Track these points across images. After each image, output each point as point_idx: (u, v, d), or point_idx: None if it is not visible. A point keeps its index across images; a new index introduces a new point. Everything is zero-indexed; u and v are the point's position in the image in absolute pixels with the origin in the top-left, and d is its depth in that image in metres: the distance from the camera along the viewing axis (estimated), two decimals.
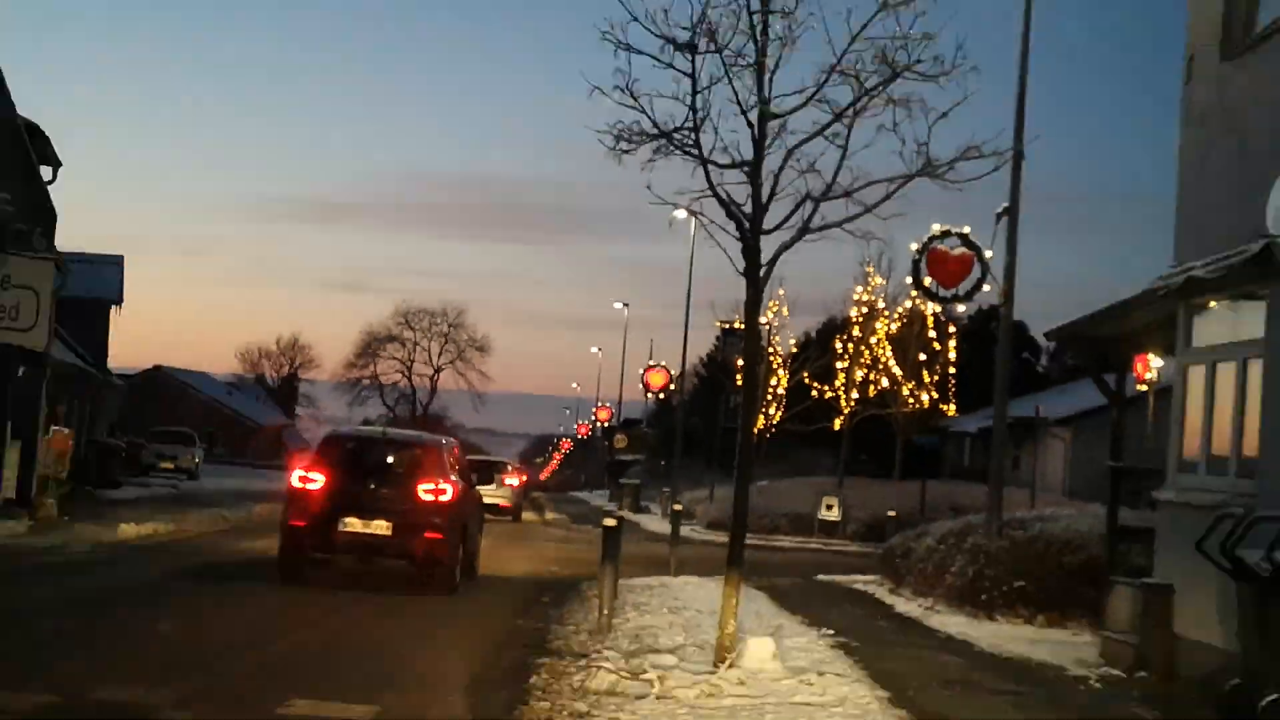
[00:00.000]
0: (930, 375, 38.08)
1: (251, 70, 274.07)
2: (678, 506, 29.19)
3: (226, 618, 13.94)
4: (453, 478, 17.49)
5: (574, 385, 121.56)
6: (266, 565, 18.71)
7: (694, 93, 11.10)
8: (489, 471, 36.25)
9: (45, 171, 24.24)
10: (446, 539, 16.62)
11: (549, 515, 47.27)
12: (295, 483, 17.07)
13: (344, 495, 16.60)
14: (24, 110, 22.81)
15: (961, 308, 26.00)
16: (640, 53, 11.06)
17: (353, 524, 16.26)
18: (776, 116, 11.13)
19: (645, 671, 10.75)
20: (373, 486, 16.90)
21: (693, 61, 11.05)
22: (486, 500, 26.44)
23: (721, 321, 44.08)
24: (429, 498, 16.70)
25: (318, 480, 16.69)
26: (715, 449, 53.74)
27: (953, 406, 39.28)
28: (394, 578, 17.09)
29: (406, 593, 16.35)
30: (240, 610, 14.74)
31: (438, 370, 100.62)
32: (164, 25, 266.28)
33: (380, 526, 16.34)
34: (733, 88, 11.10)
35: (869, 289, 38.81)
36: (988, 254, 21.03)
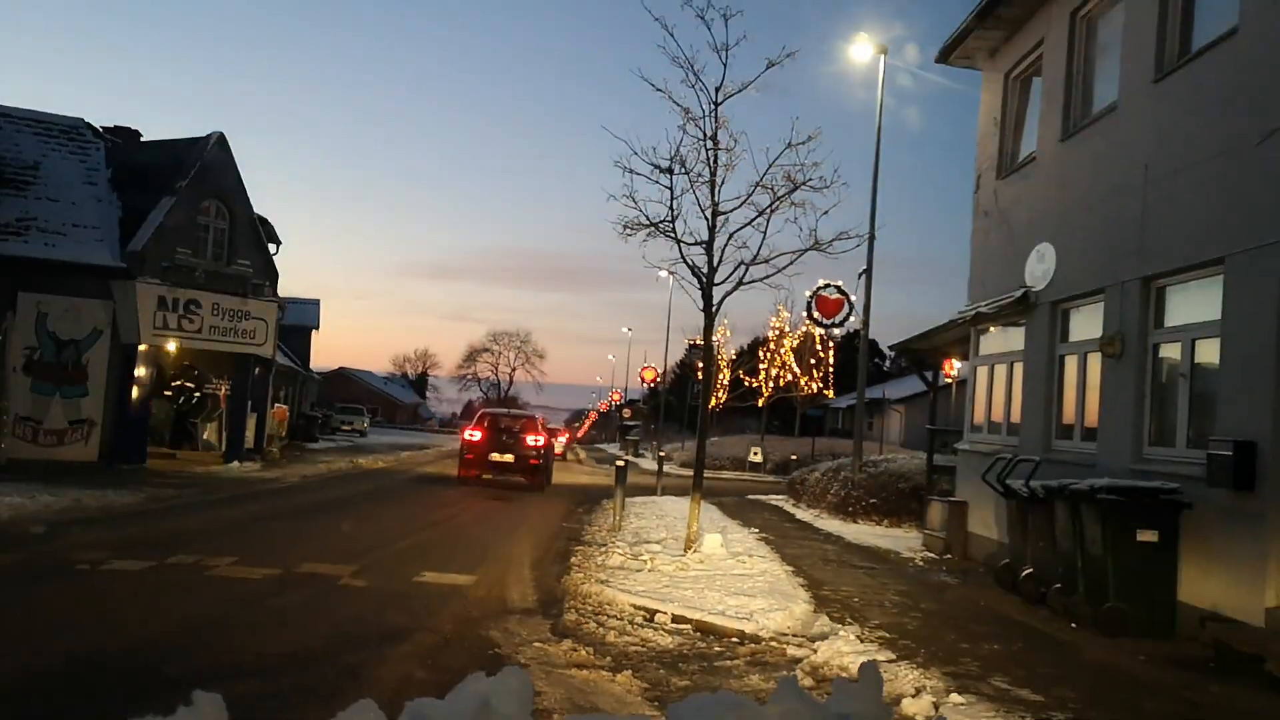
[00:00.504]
0: (817, 372, 37.97)
1: (397, 175, 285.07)
2: (662, 453, 28.86)
3: (383, 519, 14.21)
4: (542, 434, 21.88)
5: (598, 378, 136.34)
6: (406, 485, 21.34)
7: (672, 199, 11.41)
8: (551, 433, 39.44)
9: (271, 247, 24.34)
10: (540, 465, 21.42)
11: (583, 457, 48.51)
12: (467, 435, 21.77)
13: (491, 441, 21.11)
14: (257, 206, 23.49)
15: (837, 331, 27.34)
16: (638, 174, 11.45)
17: (495, 455, 20.96)
18: (722, 214, 11.41)
19: (642, 555, 10.96)
20: (505, 438, 21.26)
21: (671, 180, 11.38)
22: None
23: (689, 339, 45.43)
24: (531, 443, 21.30)
25: (478, 434, 21.25)
26: (685, 418, 57.75)
27: (831, 391, 39.24)
28: (511, 485, 20.84)
29: (517, 490, 20.21)
30: (390, 514, 15.12)
31: (513, 369, 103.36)
32: (345, 143, 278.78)
33: (509, 457, 21.02)
34: (696, 196, 11.46)
35: (780, 319, 39.13)
36: (853, 297, 21.91)
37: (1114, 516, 8.30)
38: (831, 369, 38.86)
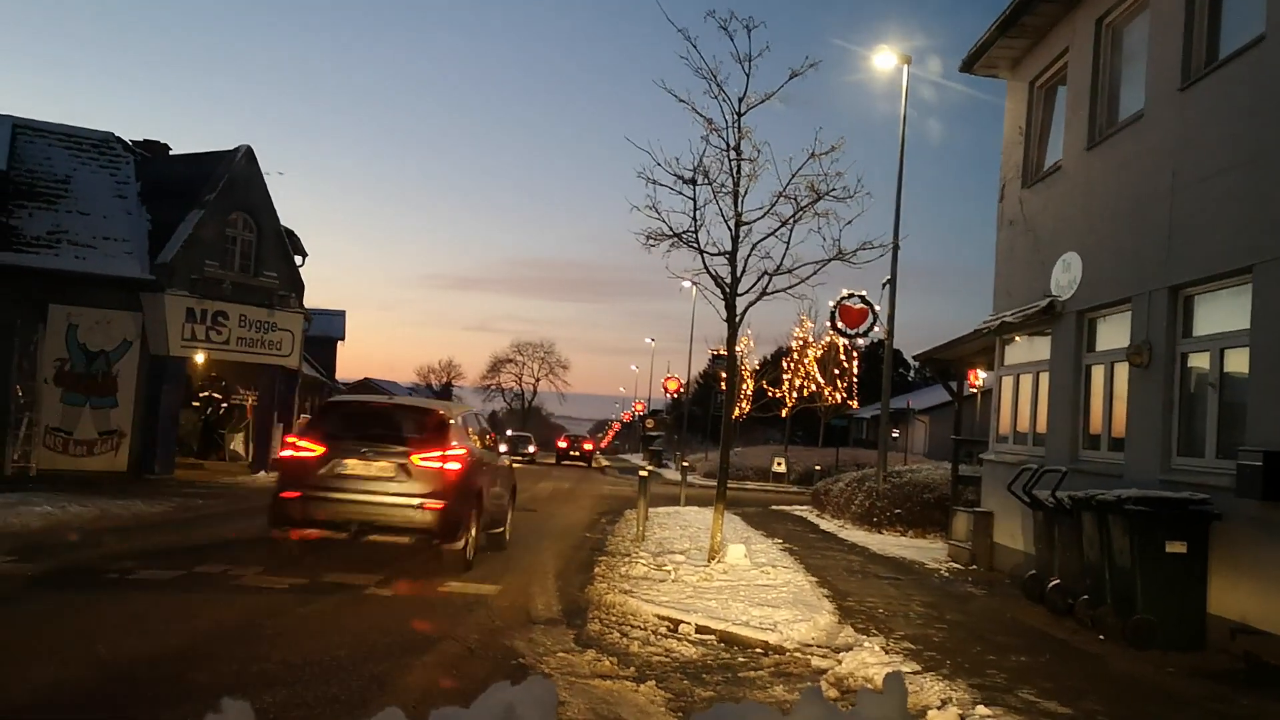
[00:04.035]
0: (841, 382, 37.64)
1: (422, 187, 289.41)
2: (685, 463, 29.29)
3: None
4: (590, 443, 49.67)
5: (621, 388, 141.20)
6: None
7: (695, 209, 11.44)
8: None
9: (297, 259, 24.41)
10: (590, 456, 48.17)
11: (606, 466, 50.06)
12: (559, 444, 49.47)
13: (568, 447, 48.05)
14: (282, 218, 23.64)
15: (861, 341, 27.22)
16: (662, 185, 11.46)
17: (571, 452, 47.60)
18: (746, 224, 11.37)
19: (665, 565, 10.93)
20: (573, 443, 48.63)
21: (694, 190, 11.42)
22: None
23: (712, 349, 46.52)
24: (586, 448, 48.39)
25: (564, 444, 48.67)
26: (708, 428, 57.19)
27: (855, 401, 39.23)
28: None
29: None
30: None
31: (537, 380, 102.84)
32: (371, 156, 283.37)
33: (575, 453, 47.47)
34: (719, 206, 11.45)
35: (804, 329, 38.77)
36: (877, 307, 21.79)
37: (1142, 527, 8.22)
38: (855, 379, 38.65)
